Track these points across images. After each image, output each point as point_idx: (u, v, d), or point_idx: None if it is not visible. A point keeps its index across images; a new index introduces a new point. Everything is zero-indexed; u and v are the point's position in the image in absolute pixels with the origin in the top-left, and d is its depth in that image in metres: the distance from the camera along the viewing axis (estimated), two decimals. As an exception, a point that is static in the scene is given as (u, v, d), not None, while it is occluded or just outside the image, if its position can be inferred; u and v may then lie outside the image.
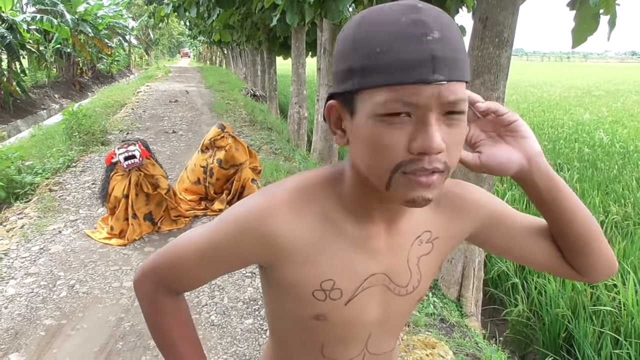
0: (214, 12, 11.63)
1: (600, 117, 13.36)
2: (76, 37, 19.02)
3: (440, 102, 0.58)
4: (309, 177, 0.75)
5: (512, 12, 3.14)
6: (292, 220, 0.71)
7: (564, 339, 3.83)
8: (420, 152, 0.58)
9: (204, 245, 0.76)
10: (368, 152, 0.62)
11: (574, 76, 38.47)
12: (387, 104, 0.58)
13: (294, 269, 0.73)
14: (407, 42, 0.56)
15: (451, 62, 0.57)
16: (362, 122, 0.61)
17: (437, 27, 0.57)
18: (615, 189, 6.63)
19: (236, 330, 2.83)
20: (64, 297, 3.06)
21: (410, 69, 0.56)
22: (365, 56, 0.59)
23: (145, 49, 45.40)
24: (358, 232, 0.73)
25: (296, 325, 0.79)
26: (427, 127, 0.58)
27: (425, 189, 0.61)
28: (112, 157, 3.96)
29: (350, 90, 0.62)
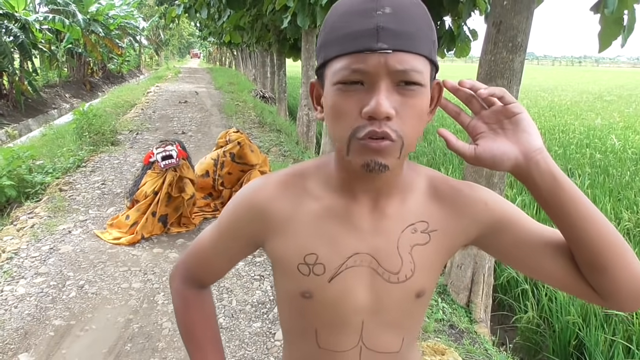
0: (224, 14, 11.65)
1: (612, 123, 13.23)
2: (87, 37, 19.17)
3: (388, 71, 0.61)
4: (306, 162, 0.82)
5: (527, 16, 3.10)
6: (280, 195, 0.77)
7: (575, 346, 3.78)
8: (370, 117, 0.62)
9: (214, 231, 0.85)
10: (331, 120, 0.67)
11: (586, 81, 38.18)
12: (340, 72, 0.63)
13: (281, 241, 0.78)
14: (359, 16, 0.62)
15: (399, 34, 0.61)
16: (327, 93, 0.67)
17: (391, 4, 0.62)
18: (627, 195, 6.55)
19: (244, 333, 2.82)
20: (73, 297, 3.06)
21: (357, 39, 0.62)
22: (328, 32, 0.66)
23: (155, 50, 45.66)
24: (341, 208, 0.76)
25: (290, 306, 0.83)
26: (375, 93, 0.62)
27: (378, 154, 0.63)
28: (150, 156, 4.04)
29: (320, 65, 0.68)
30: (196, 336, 0.91)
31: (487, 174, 3.37)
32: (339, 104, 0.64)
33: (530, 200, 6.31)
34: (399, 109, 0.63)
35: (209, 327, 0.92)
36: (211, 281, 0.93)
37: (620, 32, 2.84)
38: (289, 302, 0.83)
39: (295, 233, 0.76)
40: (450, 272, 3.82)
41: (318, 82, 0.72)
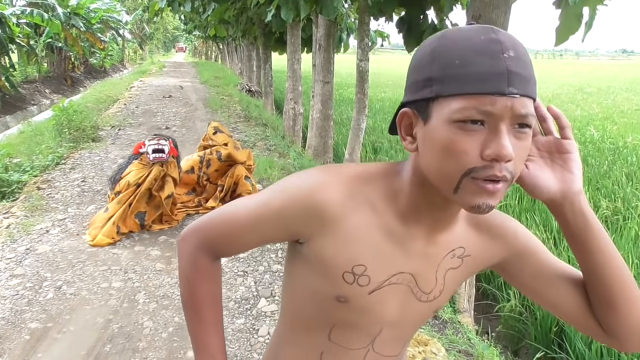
0: (209, 7, 11.56)
1: (591, 114, 13.42)
2: (68, 31, 18.86)
3: (512, 114, 0.63)
4: (368, 167, 0.79)
5: (505, 10, 3.10)
6: (343, 199, 0.75)
7: (556, 333, 3.85)
8: (493, 159, 0.63)
9: (255, 208, 0.80)
10: (440, 156, 0.66)
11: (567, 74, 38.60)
12: (464, 111, 0.63)
13: (332, 245, 0.76)
14: (485, 57, 0.62)
15: (524, 79, 0.63)
16: (437, 127, 0.65)
17: (512, 47, 0.63)
18: (605, 184, 6.68)
19: (227, 330, 2.80)
20: (50, 299, 3.01)
21: (487, 80, 0.62)
22: (445, 66, 0.64)
23: (139, 44, 45.07)
24: (400, 230, 0.77)
25: (315, 303, 0.82)
26: (500, 136, 0.63)
27: (491, 197, 0.65)
28: (141, 146, 3.96)
29: (428, 97, 0.66)
30: (201, 306, 0.88)
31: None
32: (454, 142, 0.64)
33: (513, 191, 6.38)
34: (514, 151, 0.64)
35: (215, 302, 0.90)
36: (229, 254, 0.89)
37: (579, 27, 2.87)
38: (314, 299, 0.82)
39: (348, 240, 0.76)
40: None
41: (414, 113, 0.70)
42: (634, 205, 5.80)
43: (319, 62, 7.64)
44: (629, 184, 6.67)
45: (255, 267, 3.53)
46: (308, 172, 0.79)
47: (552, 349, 3.75)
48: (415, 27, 5.44)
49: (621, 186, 6.59)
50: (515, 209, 5.86)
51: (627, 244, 4.76)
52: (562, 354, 3.65)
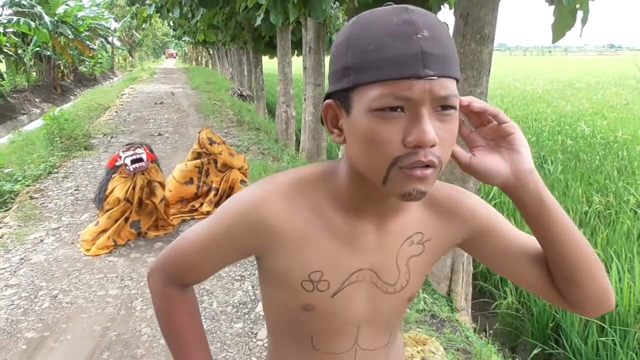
0: (197, 12, 11.53)
1: (581, 109, 13.50)
2: (56, 39, 18.75)
3: (432, 97, 0.60)
4: (304, 172, 0.78)
5: (492, 8, 3.13)
6: (285, 209, 0.74)
7: (552, 329, 3.87)
8: (416, 145, 0.60)
9: (204, 236, 0.80)
10: (365, 148, 0.64)
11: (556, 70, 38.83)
12: (381, 99, 0.60)
13: (284, 257, 0.75)
14: (398, 40, 0.59)
15: (441, 59, 0.60)
16: (358, 119, 0.63)
17: (427, 27, 0.60)
18: (597, 179, 6.72)
19: (225, 335, 2.80)
20: (46, 308, 2.99)
21: (401, 64, 0.59)
22: (359, 54, 0.61)
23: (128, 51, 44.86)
24: (347, 228, 0.75)
25: (287, 316, 0.82)
26: (421, 121, 0.60)
27: (420, 182, 0.63)
28: (117, 159, 3.89)
29: (346, 87, 0.64)
30: (181, 336, 0.88)
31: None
32: (376, 132, 0.62)
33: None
34: (439, 134, 0.62)
35: (194, 326, 0.89)
36: (194, 282, 0.89)
37: (574, 23, 2.90)
38: (284, 312, 0.82)
39: (298, 249, 0.75)
40: (430, 265, 3.86)
41: (337, 105, 0.68)
42: (626, 200, 5.84)
43: (309, 65, 7.66)
44: (620, 179, 6.72)
45: (252, 271, 3.53)
46: (248, 189, 0.78)
47: (549, 345, 3.77)
48: (404, 27, 5.46)
49: (613, 180, 6.64)
50: (510, 205, 5.88)
51: (620, 238, 4.78)
52: (558, 349, 3.67)
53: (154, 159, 4.06)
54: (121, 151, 3.92)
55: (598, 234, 4.91)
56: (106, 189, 3.91)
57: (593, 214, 5.55)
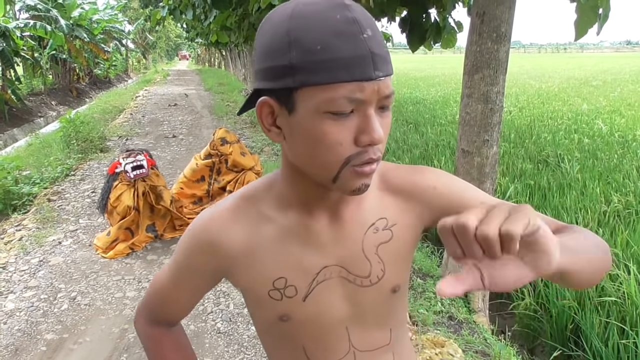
0: (210, 14, 11.58)
1: (598, 107, 13.31)
2: (71, 42, 18.98)
3: (379, 97, 0.61)
4: (251, 185, 0.78)
5: (509, 6, 3.09)
6: (230, 224, 0.74)
7: (571, 330, 3.80)
8: (367, 144, 0.62)
9: (171, 270, 0.81)
10: (314, 148, 0.63)
11: (571, 67, 38.39)
12: (333, 101, 0.59)
13: (243, 272, 0.75)
14: (346, 40, 0.58)
15: (384, 59, 0.61)
16: (305, 119, 0.62)
17: (369, 26, 0.60)
18: (616, 178, 6.61)
19: (243, 337, 2.80)
20: (65, 309, 3.03)
21: (352, 66, 0.58)
22: (305, 53, 0.59)
23: (142, 53, 45.29)
24: (300, 229, 0.74)
25: (271, 332, 0.81)
26: (371, 120, 0.61)
27: (367, 177, 0.64)
28: (117, 166, 3.89)
29: (290, 87, 0.61)
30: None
31: (478, 164, 3.37)
32: (327, 133, 0.61)
33: (523, 188, 6.34)
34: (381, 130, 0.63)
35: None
36: (178, 319, 0.89)
37: (596, 19, 2.85)
38: (268, 328, 0.81)
39: (257, 260, 0.74)
40: (447, 263, 3.82)
41: (276, 102, 0.65)
42: (646, 199, 5.74)
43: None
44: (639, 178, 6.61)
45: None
46: (201, 213, 0.79)
47: (568, 347, 3.71)
48: (417, 26, 5.43)
49: (632, 180, 6.53)
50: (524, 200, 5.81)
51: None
52: (578, 351, 3.61)
53: (154, 164, 4.06)
54: (121, 158, 3.91)
55: (618, 234, 4.82)
56: (109, 195, 3.90)
57: (612, 214, 5.46)
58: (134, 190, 3.87)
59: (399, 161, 7.44)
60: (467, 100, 3.31)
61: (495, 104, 3.23)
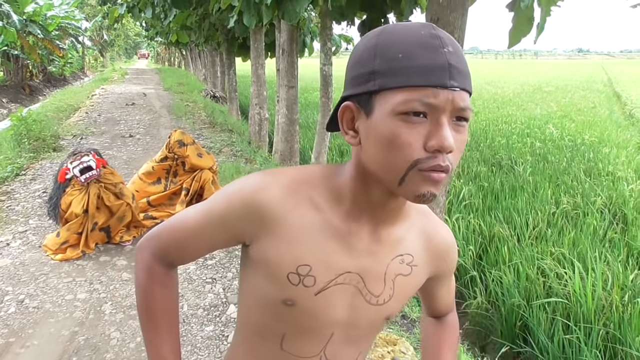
0: (170, 13, 11.42)
1: (550, 113, 13.83)
2: (24, 38, 18.30)
3: (453, 107, 0.65)
4: (309, 168, 0.80)
5: (462, 13, 3.20)
6: (283, 198, 0.75)
7: (520, 327, 3.93)
8: (436, 150, 0.64)
9: (201, 213, 0.81)
10: (386, 149, 0.66)
11: (526, 73, 39.68)
12: (408, 103, 0.64)
13: (276, 245, 0.76)
14: (427, 50, 0.64)
15: (463, 73, 0.65)
16: (381, 120, 0.66)
17: (451, 44, 0.66)
18: (565, 180, 6.89)
19: (196, 338, 2.78)
20: (12, 313, 2.92)
21: (430, 73, 0.63)
22: (389, 60, 0.65)
23: (99, 51, 44.08)
24: (343, 227, 0.77)
25: (263, 310, 0.82)
26: (442, 127, 0.64)
27: (434, 186, 0.66)
28: (66, 172, 3.71)
29: (371, 90, 0.67)
30: (156, 315, 0.88)
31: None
32: (399, 134, 0.65)
33: (477, 190, 6.52)
34: (454, 143, 0.66)
35: (170, 310, 0.89)
36: (183, 262, 0.90)
37: (531, 29, 3.00)
38: (262, 306, 0.82)
39: (291, 240, 0.76)
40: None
41: (356, 107, 0.71)
42: (593, 200, 6.00)
43: (282, 67, 7.66)
44: (587, 180, 6.90)
45: (223, 274, 3.52)
46: (250, 176, 0.80)
47: (517, 344, 3.84)
48: (377, 30, 5.53)
49: (580, 182, 6.82)
50: (480, 207, 6.00)
51: (587, 238, 4.92)
52: (526, 347, 3.75)
53: (105, 164, 3.90)
54: (68, 162, 3.73)
55: (565, 233, 5.03)
56: (60, 204, 3.74)
57: (561, 215, 5.69)
58: (86, 195, 3.74)
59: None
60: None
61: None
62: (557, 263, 4.35)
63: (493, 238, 5.15)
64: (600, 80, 28.41)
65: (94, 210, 3.76)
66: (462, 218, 5.42)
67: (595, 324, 3.52)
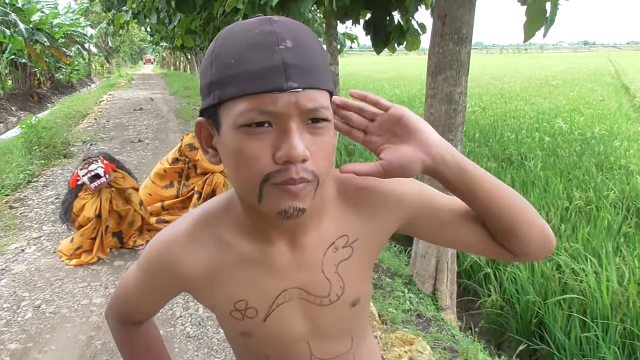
0: (175, 18, 11.44)
1: (558, 106, 13.71)
2: (31, 47, 18.45)
3: (299, 110, 0.58)
4: (209, 205, 0.76)
5: (469, 8, 3.18)
6: (190, 250, 0.73)
7: (536, 324, 3.90)
8: (286, 161, 0.58)
9: (133, 281, 0.82)
10: (236, 166, 0.61)
11: (532, 67, 39.41)
12: (246, 114, 0.58)
13: (205, 293, 0.76)
14: (259, 51, 0.57)
15: (306, 70, 0.58)
16: (227, 136, 0.61)
17: (290, 37, 0.58)
18: (576, 175, 6.81)
19: (212, 340, 2.78)
20: (29, 318, 2.95)
21: (263, 77, 0.56)
22: (221, 68, 0.59)
23: (105, 57, 44.40)
24: (258, 253, 0.73)
25: (234, 342, 0.84)
26: (289, 135, 0.58)
27: (294, 199, 0.60)
28: (77, 179, 3.74)
29: (213, 104, 0.61)
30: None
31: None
32: (245, 149, 0.59)
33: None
34: (311, 148, 0.59)
35: (154, 356, 0.92)
36: (144, 320, 0.90)
37: (544, 22, 2.97)
38: (232, 339, 0.84)
39: (218, 283, 0.74)
40: (415, 262, 3.89)
41: (208, 123, 0.65)
42: (605, 195, 5.94)
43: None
44: (599, 174, 6.83)
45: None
46: (162, 231, 0.77)
47: (533, 341, 3.81)
48: (381, 28, 5.51)
49: (591, 176, 6.73)
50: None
51: (601, 233, 4.86)
52: (542, 345, 3.72)
53: (114, 168, 3.90)
54: (78, 169, 3.76)
55: (579, 229, 4.98)
56: (72, 208, 3.76)
57: (574, 210, 5.63)
58: (99, 200, 3.77)
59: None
60: (431, 101, 3.38)
61: (458, 105, 3.31)
62: (572, 259, 4.30)
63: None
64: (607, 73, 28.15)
65: (107, 215, 3.78)
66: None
67: (612, 320, 3.48)
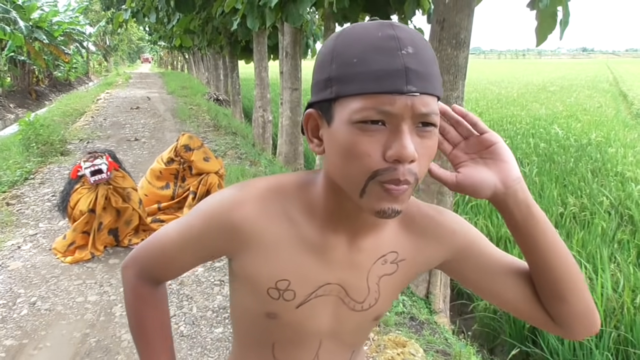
0: (173, 17, 11.46)
1: (555, 112, 13.77)
2: (31, 44, 18.45)
3: (413, 113, 0.60)
4: (282, 178, 0.78)
5: (468, 13, 3.21)
6: (258, 214, 0.73)
7: (529, 329, 3.91)
8: (395, 160, 0.61)
9: (179, 233, 0.80)
10: (344, 159, 0.64)
11: (530, 73, 39.56)
12: (363, 111, 0.60)
13: (253, 262, 0.75)
14: (382, 54, 0.60)
15: (423, 76, 0.61)
16: (339, 129, 0.63)
17: (411, 44, 0.61)
18: (571, 181, 6.85)
19: (206, 340, 2.79)
20: (25, 315, 2.95)
21: (384, 78, 0.59)
22: (343, 65, 0.62)
23: (104, 55, 44.34)
24: (319, 240, 0.75)
25: (250, 321, 0.82)
26: (401, 136, 0.60)
27: (395, 201, 0.63)
28: (78, 170, 3.77)
29: (329, 98, 0.64)
30: (148, 333, 0.89)
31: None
32: (357, 144, 0.62)
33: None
34: (418, 150, 0.62)
35: (162, 325, 0.90)
36: (168, 279, 0.89)
37: (555, 25, 3.00)
38: (248, 318, 0.82)
39: (268, 256, 0.75)
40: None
41: (318, 114, 0.68)
42: (600, 201, 5.97)
43: (286, 70, 7.69)
44: (594, 180, 6.86)
45: (232, 275, 3.52)
46: (224, 191, 0.78)
47: (526, 345, 3.82)
48: (381, 32, 5.54)
49: (587, 182, 6.77)
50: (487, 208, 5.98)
51: (595, 239, 4.89)
52: (535, 349, 3.73)
53: (117, 167, 3.92)
54: (82, 161, 3.78)
55: (574, 235, 5.01)
56: (69, 199, 3.78)
57: (569, 216, 5.66)
58: (95, 194, 3.78)
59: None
60: (427, 104, 3.41)
61: (454, 109, 3.33)
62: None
63: (501, 239, 5.14)
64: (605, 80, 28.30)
65: (101, 210, 3.79)
66: (469, 219, 5.41)
67: (606, 326, 3.49)
